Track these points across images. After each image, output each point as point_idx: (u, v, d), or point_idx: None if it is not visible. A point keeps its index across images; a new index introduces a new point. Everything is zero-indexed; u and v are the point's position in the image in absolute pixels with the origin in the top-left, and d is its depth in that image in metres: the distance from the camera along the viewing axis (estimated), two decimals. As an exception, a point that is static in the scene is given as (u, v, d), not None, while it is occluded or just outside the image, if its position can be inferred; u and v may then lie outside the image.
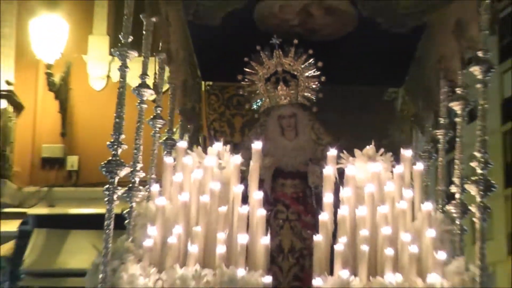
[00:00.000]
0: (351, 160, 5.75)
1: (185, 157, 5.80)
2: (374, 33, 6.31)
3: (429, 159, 6.54)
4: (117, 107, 5.28)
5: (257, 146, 5.75)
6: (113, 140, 5.20)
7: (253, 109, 6.76)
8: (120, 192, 5.23)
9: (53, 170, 13.55)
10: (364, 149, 5.80)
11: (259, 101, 6.63)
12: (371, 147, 5.81)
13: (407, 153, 5.73)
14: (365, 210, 5.35)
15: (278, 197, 6.19)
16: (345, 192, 5.50)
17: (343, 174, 5.64)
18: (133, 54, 5.37)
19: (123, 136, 5.22)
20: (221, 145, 5.86)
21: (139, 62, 5.78)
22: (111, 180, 5.14)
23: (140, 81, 5.70)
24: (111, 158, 5.17)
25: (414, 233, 5.23)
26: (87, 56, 13.84)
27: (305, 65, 6.49)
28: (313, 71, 6.48)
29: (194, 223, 5.37)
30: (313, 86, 6.51)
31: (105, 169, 5.13)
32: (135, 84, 5.68)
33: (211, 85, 7.54)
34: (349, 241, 5.21)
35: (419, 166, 5.73)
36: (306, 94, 6.52)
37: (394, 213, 5.38)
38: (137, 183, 5.59)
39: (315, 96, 6.51)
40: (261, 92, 6.57)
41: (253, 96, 6.65)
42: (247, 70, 6.54)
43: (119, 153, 5.19)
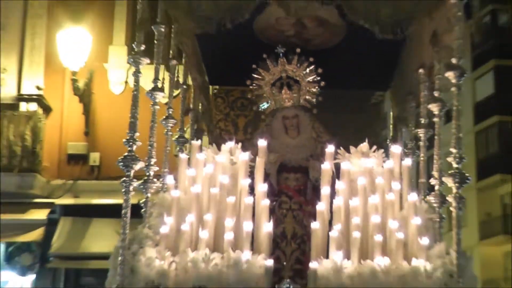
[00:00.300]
0: (347, 156, 5.77)
1: (198, 153, 5.85)
2: (362, 43, 6.28)
3: (412, 155, 6.55)
4: (132, 108, 5.37)
5: (262, 143, 5.82)
6: (128, 137, 5.29)
7: (258, 110, 6.77)
8: (135, 184, 5.30)
9: (78, 165, 13.70)
10: (358, 146, 5.83)
11: (265, 103, 6.67)
12: (364, 145, 5.83)
13: (396, 150, 5.77)
14: (358, 200, 5.38)
15: (282, 189, 6.17)
16: (340, 184, 5.54)
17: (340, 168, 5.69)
18: (145, 60, 5.46)
19: (137, 134, 5.30)
20: (233, 143, 5.89)
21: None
22: (127, 173, 5.23)
23: (153, 85, 5.78)
24: (127, 153, 5.25)
25: (401, 221, 5.25)
26: (107, 64, 13.92)
27: (306, 71, 6.49)
28: (313, 77, 6.52)
29: (205, 212, 5.40)
30: (314, 90, 6.53)
31: (122, 163, 5.23)
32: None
33: (218, 89, 7.57)
34: (343, 228, 5.25)
35: (408, 161, 5.75)
36: (307, 97, 6.50)
37: (383, 203, 5.40)
38: (152, 176, 5.66)
39: (315, 99, 6.56)
40: (268, 95, 6.55)
41: (260, 99, 6.69)
42: (255, 75, 6.54)
43: (134, 149, 5.28)
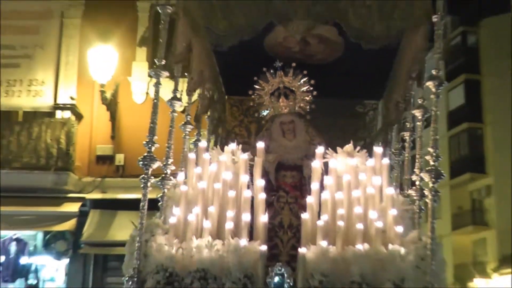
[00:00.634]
0: (334, 155, 5.70)
1: (205, 153, 5.79)
2: (358, 59, 6.24)
3: (399, 155, 6.45)
4: (152, 115, 5.31)
5: (260, 145, 5.80)
6: (148, 140, 5.23)
7: (261, 116, 6.73)
8: (153, 180, 5.24)
9: (105, 165, 13.68)
10: (344, 146, 5.77)
11: (266, 110, 6.60)
12: (349, 146, 5.76)
13: (378, 150, 5.72)
14: (343, 194, 5.33)
15: (280, 185, 6.09)
16: (327, 180, 5.48)
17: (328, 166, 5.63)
18: (165, 73, 5.42)
19: (156, 137, 5.25)
20: (235, 145, 5.85)
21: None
22: (145, 171, 5.17)
23: (172, 95, 5.76)
24: (146, 154, 5.20)
25: (380, 212, 5.20)
26: (131, 77, 13.92)
27: (300, 82, 6.42)
28: (307, 87, 6.43)
29: (209, 204, 5.35)
30: (307, 99, 6.46)
31: (142, 162, 5.18)
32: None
33: (233, 99, 7.51)
34: (329, 219, 5.18)
35: (386, 160, 5.71)
36: (301, 105, 6.44)
37: (365, 197, 5.34)
38: (169, 174, 5.59)
39: (308, 106, 6.48)
40: (267, 103, 6.48)
41: (261, 106, 6.62)
42: (256, 86, 6.51)
43: (153, 150, 5.22)
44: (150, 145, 5.23)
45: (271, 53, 6.52)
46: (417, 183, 5.47)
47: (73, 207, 13.07)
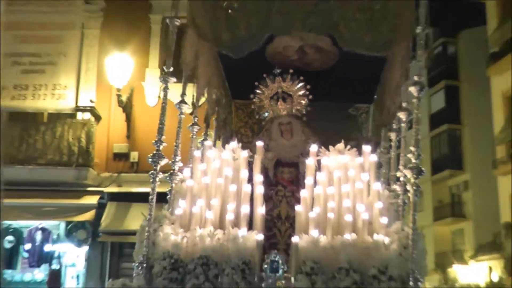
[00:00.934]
0: (327, 153, 5.68)
1: (209, 151, 5.77)
2: (351, 66, 6.18)
3: (387, 153, 6.42)
4: (160, 116, 5.29)
5: (259, 144, 5.80)
6: (157, 139, 5.22)
7: (261, 118, 6.67)
8: (161, 175, 5.24)
9: (121, 161, 13.61)
10: (336, 145, 5.75)
11: (266, 113, 6.54)
12: (341, 145, 5.75)
13: (366, 149, 5.67)
14: (333, 189, 5.29)
15: (278, 180, 6.04)
16: (320, 176, 5.44)
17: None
18: (172, 79, 5.38)
19: (164, 137, 5.22)
20: (235, 143, 5.85)
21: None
22: (154, 167, 5.18)
23: (180, 99, 5.74)
24: (155, 152, 5.19)
25: (367, 205, 5.15)
26: (144, 82, 13.84)
27: (297, 87, 6.38)
28: (303, 92, 6.38)
29: (212, 197, 5.32)
30: (303, 102, 6.41)
31: (151, 159, 5.19)
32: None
33: (239, 102, 7.44)
34: (321, 211, 5.14)
35: (373, 157, 5.66)
36: (298, 108, 6.39)
37: (354, 191, 5.30)
38: (177, 170, 5.57)
39: (304, 109, 6.43)
40: (267, 106, 6.44)
41: (261, 109, 6.56)
42: (257, 91, 6.45)
43: (161, 148, 5.20)
44: (158, 144, 5.20)
45: (272, 62, 6.48)
46: (401, 179, 5.45)
47: (92, 200, 13.06)
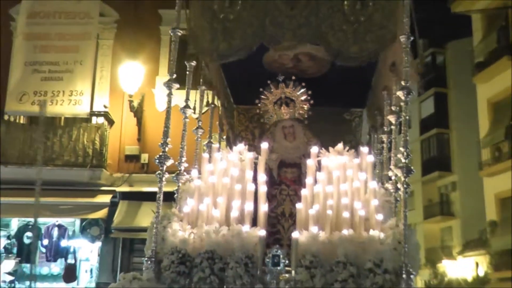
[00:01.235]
0: (326, 154, 5.67)
1: (216, 153, 5.79)
2: (344, 73, 6.11)
3: (380, 154, 6.40)
4: (165, 121, 5.28)
5: (264, 146, 5.82)
6: (162, 141, 5.21)
7: (265, 122, 6.61)
8: (167, 175, 5.20)
9: (132, 162, 13.55)
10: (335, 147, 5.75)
11: (270, 117, 6.50)
12: (339, 146, 5.75)
13: (364, 150, 5.67)
14: (332, 187, 5.27)
15: (282, 180, 6.02)
16: (320, 175, 5.44)
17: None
18: (175, 85, 5.33)
19: (169, 139, 5.21)
20: (242, 145, 5.88)
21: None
22: (160, 167, 5.14)
23: (184, 104, 5.72)
24: (161, 153, 5.17)
25: (363, 202, 5.14)
26: (155, 89, 13.76)
27: (299, 93, 6.35)
28: (305, 97, 6.34)
29: (218, 196, 5.29)
30: (305, 107, 6.37)
31: (157, 160, 5.17)
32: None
33: (240, 108, 7.39)
34: (320, 208, 5.12)
35: (371, 158, 5.66)
36: (300, 112, 6.37)
37: (351, 189, 5.28)
38: (182, 170, 5.55)
39: (306, 113, 6.38)
40: (271, 110, 6.43)
41: (266, 113, 6.52)
42: (262, 96, 6.42)
43: (167, 150, 5.18)
44: (164, 146, 5.19)
45: (269, 69, 6.44)
46: (393, 178, 5.43)
47: (105, 198, 13.02)
